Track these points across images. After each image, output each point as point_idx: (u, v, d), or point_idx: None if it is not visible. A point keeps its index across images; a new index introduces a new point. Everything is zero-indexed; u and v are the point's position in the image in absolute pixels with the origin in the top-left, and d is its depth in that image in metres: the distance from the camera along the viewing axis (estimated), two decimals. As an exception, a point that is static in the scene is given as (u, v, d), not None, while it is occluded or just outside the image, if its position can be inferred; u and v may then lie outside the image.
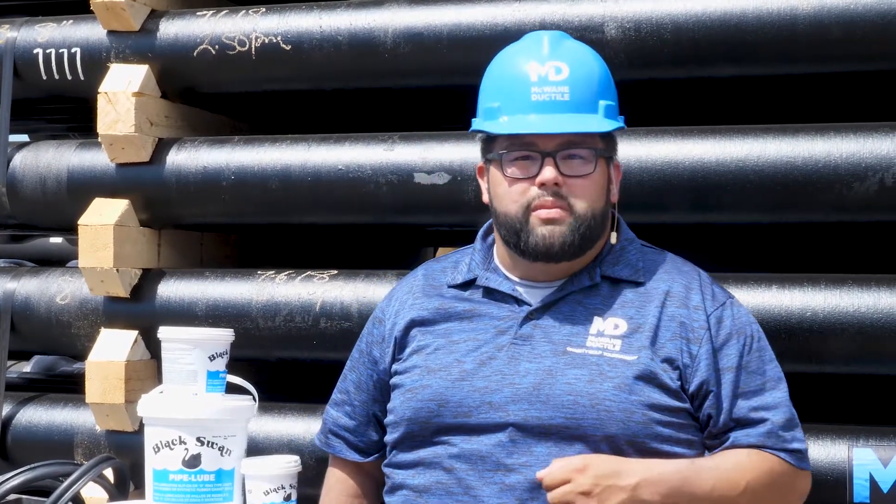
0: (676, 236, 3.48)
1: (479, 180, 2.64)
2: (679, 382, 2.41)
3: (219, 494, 2.54)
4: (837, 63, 3.14)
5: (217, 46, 3.56)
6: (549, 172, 2.41)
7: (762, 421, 2.42)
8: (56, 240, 7.77)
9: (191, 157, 3.56)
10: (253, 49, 3.52)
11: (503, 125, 2.47)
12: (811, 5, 3.06)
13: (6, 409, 3.74)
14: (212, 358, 2.65)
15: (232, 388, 2.74)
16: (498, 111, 2.49)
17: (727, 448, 2.43)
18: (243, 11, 3.57)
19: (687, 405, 2.42)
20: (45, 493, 2.73)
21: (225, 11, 3.60)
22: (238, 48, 3.53)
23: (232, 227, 3.94)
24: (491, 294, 2.55)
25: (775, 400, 2.45)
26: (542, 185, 2.42)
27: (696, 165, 3.09)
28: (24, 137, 5.07)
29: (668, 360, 2.41)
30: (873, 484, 2.88)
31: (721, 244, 3.72)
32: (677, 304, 2.47)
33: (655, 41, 3.18)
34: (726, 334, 2.46)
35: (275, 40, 3.50)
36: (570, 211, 2.43)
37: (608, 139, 2.53)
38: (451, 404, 2.45)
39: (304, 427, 3.38)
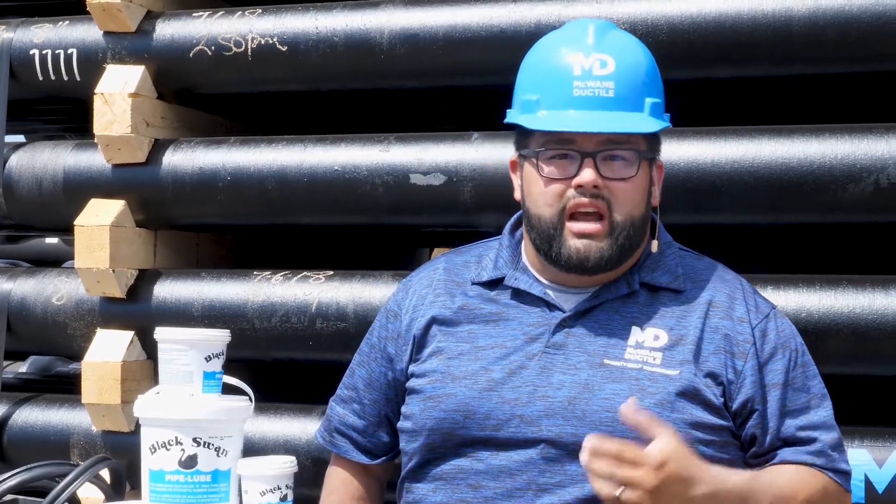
0: (672, 237, 3.48)
1: (512, 175, 2.46)
2: (722, 399, 2.26)
3: (215, 495, 2.54)
4: (832, 64, 3.15)
5: (213, 47, 3.56)
6: (588, 174, 2.24)
7: (811, 440, 2.29)
8: (52, 240, 7.77)
9: (187, 158, 3.56)
10: (249, 50, 3.52)
11: (541, 120, 2.29)
12: (806, 7, 3.06)
13: (2, 410, 3.73)
14: (208, 359, 2.65)
15: (228, 389, 2.75)
16: (536, 104, 2.30)
17: (775, 464, 2.29)
18: (239, 12, 3.58)
19: (729, 423, 2.27)
20: (42, 493, 2.73)
21: (221, 12, 3.60)
22: (234, 49, 3.54)
23: (228, 228, 3.94)
24: (520, 296, 2.37)
25: (821, 418, 2.31)
26: (579, 187, 2.25)
27: (691, 166, 3.10)
28: (21, 138, 5.07)
29: (712, 376, 2.26)
30: (868, 484, 2.88)
31: (716, 245, 3.71)
32: (721, 315, 2.32)
33: (651, 42, 3.17)
34: (771, 349, 2.31)
35: (271, 41, 3.50)
36: (609, 218, 2.26)
37: (652, 139, 2.36)
38: (479, 416, 2.28)
39: (300, 427, 3.38)
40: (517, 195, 2.42)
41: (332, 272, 3.43)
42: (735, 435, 2.29)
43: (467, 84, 3.44)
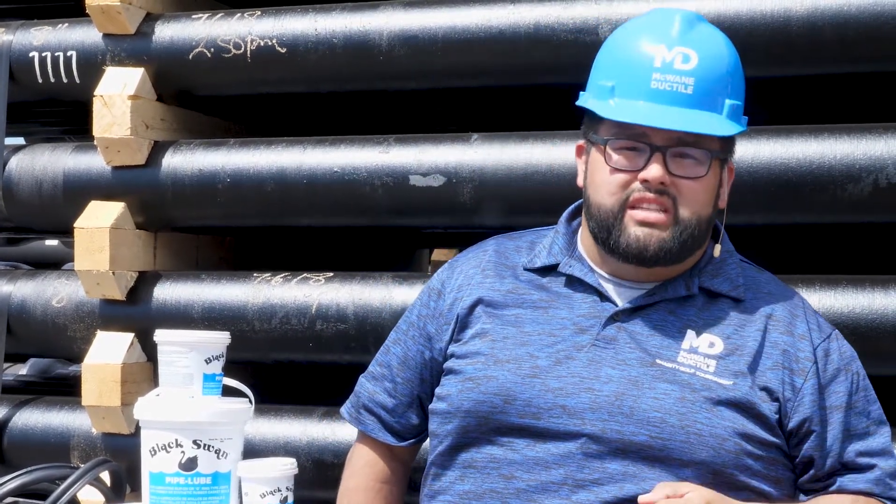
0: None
1: (577, 160, 2.37)
2: (777, 416, 2.18)
3: (215, 497, 2.54)
4: (831, 64, 3.15)
5: (212, 49, 3.56)
6: (655, 170, 2.17)
7: (870, 467, 2.21)
8: (52, 242, 7.78)
9: (186, 160, 3.56)
10: (248, 52, 3.52)
11: (614, 109, 2.21)
12: (804, 7, 3.06)
13: (2, 412, 3.74)
14: (208, 361, 2.65)
15: (228, 391, 2.75)
16: (611, 91, 2.22)
17: (832, 493, 2.22)
18: (238, 14, 3.58)
19: (781, 441, 2.20)
20: (42, 496, 2.73)
21: (220, 14, 3.60)
22: (234, 51, 3.54)
23: (228, 230, 3.95)
24: (573, 284, 2.29)
25: (881, 445, 2.24)
26: (645, 182, 2.18)
27: (691, 167, 3.09)
28: (20, 140, 5.07)
29: (767, 390, 2.18)
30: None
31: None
32: (781, 329, 2.24)
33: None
34: (834, 370, 2.24)
35: (270, 43, 3.51)
36: (674, 214, 2.19)
37: (727, 140, 2.28)
38: (519, 402, 2.19)
39: (300, 429, 3.38)
40: (580, 181, 2.34)
41: (331, 274, 3.44)
42: (786, 454, 2.22)
43: (466, 85, 3.44)
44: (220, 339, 2.72)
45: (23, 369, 5.59)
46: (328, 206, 3.43)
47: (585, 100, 2.29)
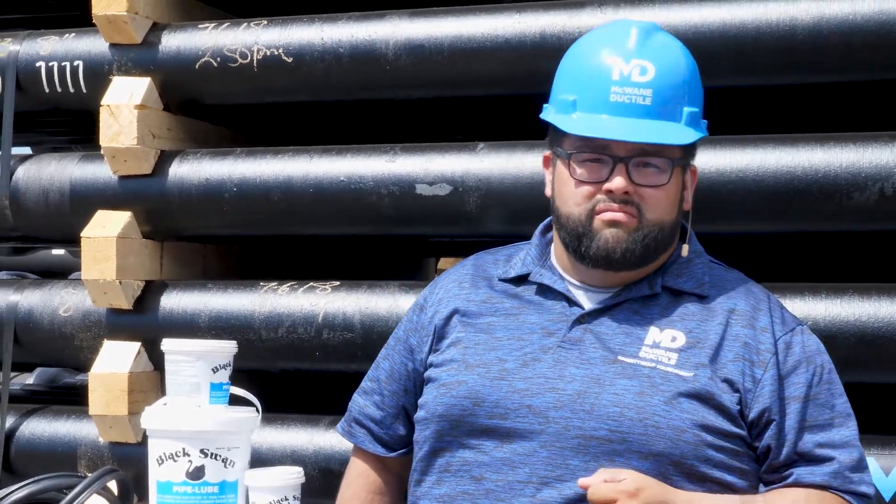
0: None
1: (545, 171, 2.45)
2: (738, 407, 2.21)
3: (222, 506, 2.55)
4: (836, 73, 3.15)
5: (219, 59, 3.57)
6: (619, 181, 2.23)
7: (829, 459, 2.23)
8: (58, 252, 7.78)
9: (193, 169, 3.57)
10: (255, 61, 3.53)
11: (576, 123, 2.27)
12: (810, 16, 3.07)
13: (10, 422, 3.74)
14: (215, 370, 2.65)
15: (235, 400, 2.75)
16: (573, 106, 2.29)
17: (788, 485, 2.23)
18: (245, 24, 3.59)
19: (744, 432, 2.22)
20: (50, 505, 2.74)
21: (227, 24, 3.61)
22: (240, 60, 3.55)
23: (234, 239, 3.95)
24: (543, 292, 2.37)
25: (843, 438, 2.25)
26: (609, 193, 2.24)
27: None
28: (27, 150, 5.09)
29: (728, 382, 2.21)
30: (875, 493, 2.88)
31: (721, 254, 3.72)
32: (743, 323, 2.28)
33: (655, 52, 3.19)
34: (795, 361, 2.27)
35: (276, 52, 3.51)
36: (639, 218, 2.26)
37: (687, 147, 2.34)
38: (488, 404, 2.26)
39: (307, 438, 3.39)
40: (548, 191, 2.42)
41: (338, 283, 3.44)
42: (750, 446, 2.24)
43: (472, 94, 3.45)
44: (227, 349, 2.72)
45: (30, 378, 5.59)
46: (334, 215, 3.44)
47: (548, 113, 2.37)
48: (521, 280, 2.41)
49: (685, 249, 2.37)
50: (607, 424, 2.18)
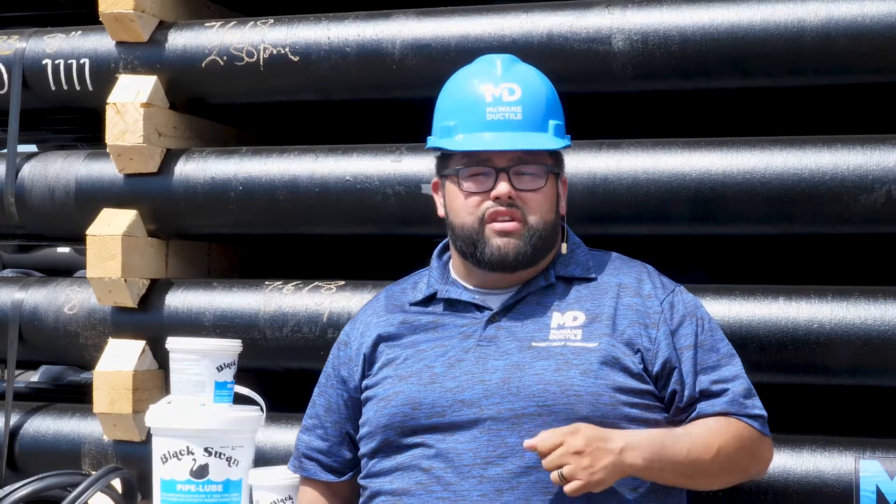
0: (683, 248, 3.48)
1: (434, 195, 2.74)
2: (642, 365, 2.52)
3: (226, 504, 2.55)
4: (844, 75, 3.15)
5: (225, 57, 3.56)
6: (503, 187, 2.53)
7: (724, 392, 2.54)
8: (63, 250, 7.80)
9: (199, 168, 3.57)
10: (261, 60, 3.53)
11: (459, 143, 2.58)
12: (818, 18, 3.06)
13: (14, 419, 3.74)
14: (220, 368, 2.65)
15: (240, 399, 2.75)
16: (454, 129, 2.59)
17: (694, 419, 2.54)
18: (251, 23, 3.58)
19: (651, 387, 2.53)
20: (54, 503, 2.73)
21: (233, 23, 3.61)
22: (246, 59, 3.54)
23: (239, 238, 3.95)
24: (452, 305, 2.64)
25: (732, 373, 2.57)
26: (496, 199, 2.53)
27: (703, 177, 3.10)
28: (33, 148, 5.09)
29: (629, 345, 2.52)
30: (880, 496, 2.87)
31: (728, 256, 3.72)
32: (631, 293, 2.60)
33: (662, 53, 3.19)
34: (680, 317, 2.59)
35: (283, 51, 3.51)
36: (524, 223, 2.55)
37: (557, 156, 2.66)
38: (425, 406, 2.51)
39: (311, 437, 3.38)
40: (440, 212, 2.70)
41: (343, 282, 3.44)
42: (658, 398, 2.55)
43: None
44: (231, 347, 2.72)
45: (34, 376, 5.60)
46: (340, 214, 3.43)
47: (434, 142, 2.67)
48: (430, 300, 2.68)
49: (564, 247, 2.67)
50: (534, 401, 2.46)
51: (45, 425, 3.72)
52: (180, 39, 3.64)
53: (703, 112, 3.69)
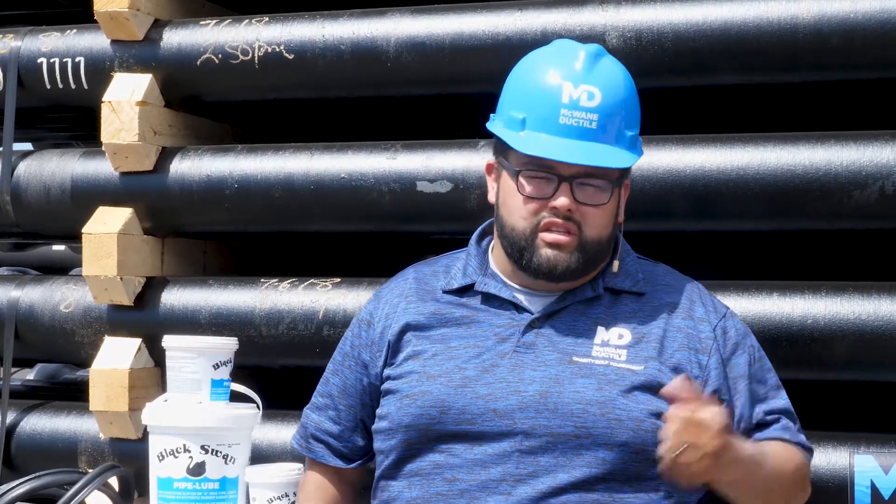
0: (678, 244, 3.49)
1: (487, 177, 2.58)
2: None
3: (223, 502, 2.56)
4: (838, 71, 3.15)
5: (220, 55, 3.57)
6: (563, 200, 2.37)
7: (777, 421, 2.47)
8: (59, 248, 7.78)
9: (194, 166, 3.57)
10: (256, 58, 3.53)
11: (526, 142, 2.40)
12: (811, 14, 3.07)
13: (10, 417, 3.75)
14: (216, 366, 2.66)
15: (236, 397, 2.75)
16: (522, 123, 2.42)
17: None
18: (246, 21, 3.59)
19: None
20: (50, 501, 2.74)
21: (228, 21, 3.61)
22: (241, 57, 3.55)
23: (235, 235, 3.95)
24: (489, 300, 2.50)
25: (781, 405, 2.50)
26: (553, 209, 2.38)
27: (698, 173, 3.10)
28: (29, 146, 5.08)
29: (676, 370, 2.38)
30: (874, 491, 2.88)
31: (722, 252, 3.73)
32: (682, 315, 2.47)
33: (656, 50, 3.20)
34: (733, 345, 2.48)
35: (278, 49, 3.52)
36: (578, 237, 2.40)
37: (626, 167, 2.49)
38: (454, 411, 2.37)
39: (307, 434, 3.38)
40: (491, 197, 2.55)
41: (339, 279, 3.44)
42: None
43: (473, 91, 3.44)
44: (227, 345, 2.73)
45: (30, 374, 5.59)
46: (335, 211, 3.44)
47: (498, 129, 2.49)
48: (466, 290, 2.53)
49: (616, 265, 2.50)
50: (573, 421, 2.33)
51: (42, 423, 3.73)
52: (175, 38, 3.64)
53: (698, 108, 3.69)
